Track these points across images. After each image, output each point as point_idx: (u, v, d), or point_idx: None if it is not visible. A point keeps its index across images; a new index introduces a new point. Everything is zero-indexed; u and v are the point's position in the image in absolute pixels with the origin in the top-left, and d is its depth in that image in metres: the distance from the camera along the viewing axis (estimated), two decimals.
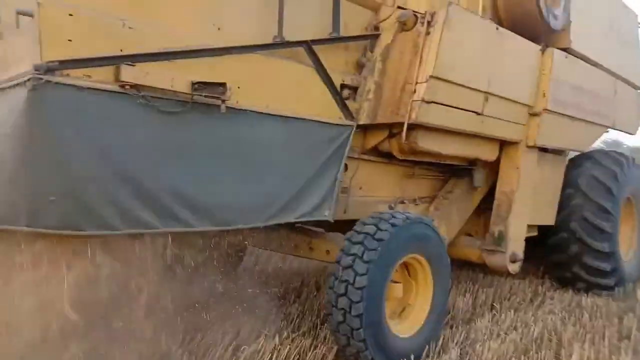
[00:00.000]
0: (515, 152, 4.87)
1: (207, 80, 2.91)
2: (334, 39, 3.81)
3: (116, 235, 2.75)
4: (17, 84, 2.49)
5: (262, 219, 3.35)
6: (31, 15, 2.48)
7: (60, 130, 2.48)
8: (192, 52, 2.95)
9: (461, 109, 4.02)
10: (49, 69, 2.43)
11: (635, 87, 6.70)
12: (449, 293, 4.07)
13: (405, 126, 3.74)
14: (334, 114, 3.82)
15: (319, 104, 3.71)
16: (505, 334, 4.16)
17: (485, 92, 4.20)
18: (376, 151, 4.27)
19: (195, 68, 2.97)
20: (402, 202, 4.57)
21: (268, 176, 3.37)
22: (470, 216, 5.24)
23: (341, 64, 3.99)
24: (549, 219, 5.57)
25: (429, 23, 3.80)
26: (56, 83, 2.44)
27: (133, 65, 2.69)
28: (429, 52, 3.74)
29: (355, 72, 4.10)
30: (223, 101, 3.00)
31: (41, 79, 2.39)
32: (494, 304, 4.90)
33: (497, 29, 4.24)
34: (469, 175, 4.93)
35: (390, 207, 4.41)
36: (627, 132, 6.74)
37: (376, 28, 4.17)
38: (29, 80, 2.39)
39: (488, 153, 4.72)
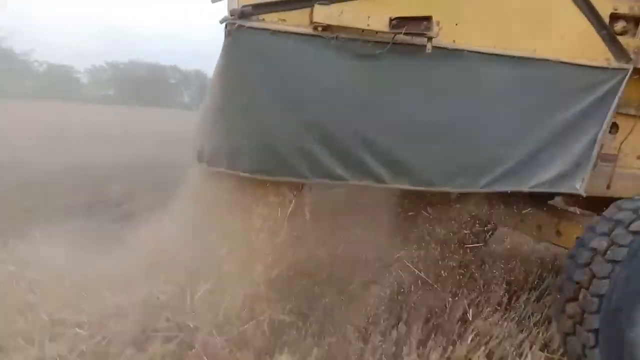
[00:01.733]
0: None
1: (408, 15, 2.49)
2: None
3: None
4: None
5: (477, 183, 2.76)
6: None
7: (253, 75, 2.48)
8: None
9: None
10: (243, 14, 2.44)
11: None
12: None
13: None
14: (597, 54, 2.87)
15: (573, 41, 2.83)
16: None
17: None
18: None
19: (400, 3, 2.58)
20: None
21: (489, 131, 2.75)
22: None
23: None
24: None
25: None
26: (248, 27, 2.43)
27: (327, 4, 2.48)
28: None
29: None
30: (429, 39, 2.53)
31: (234, 23, 2.42)
32: None
33: None
34: None
35: None
36: None
37: None
38: (225, 25, 2.46)
39: None
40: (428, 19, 2.47)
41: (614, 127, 3.05)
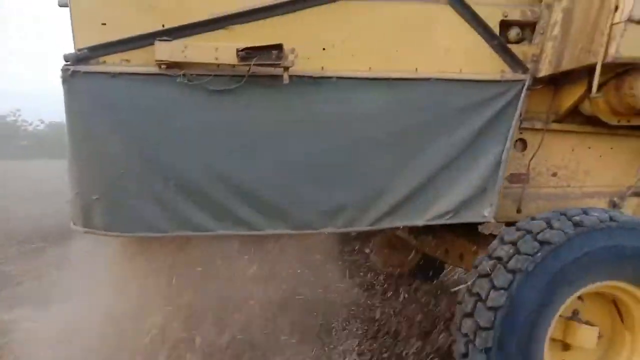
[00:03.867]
0: None
1: (258, 45, 2.28)
2: None
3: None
4: None
5: (362, 220, 2.51)
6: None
7: (95, 122, 2.28)
8: (245, 14, 2.36)
9: None
10: (79, 58, 2.25)
11: None
12: None
13: (598, 70, 2.24)
14: (490, 67, 2.62)
15: (460, 55, 2.59)
16: None
17: None
18: (580, 116, 2.78)
19: (255, 31, 2.37)
20: (638, 195, 2.88)
21: (370, 163, 2.50)
22: None
23: None
24: None
25: None
26: (85, 72, 2.24)
27: (170, 40, 2.29)
28: None
29: (534, 0, 2.72)
30: (285, 69, 2.31)
31: (68, 69, 2.24)
32: None
33: None
34: None
35: (613, 204, 2.84)
36: None
37: None
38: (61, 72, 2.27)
39: None
40: (278, 47, 2.26)
41: (522, 144, 2.79)
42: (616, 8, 2.20)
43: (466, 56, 2.58)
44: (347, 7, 2.46)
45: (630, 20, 2.12)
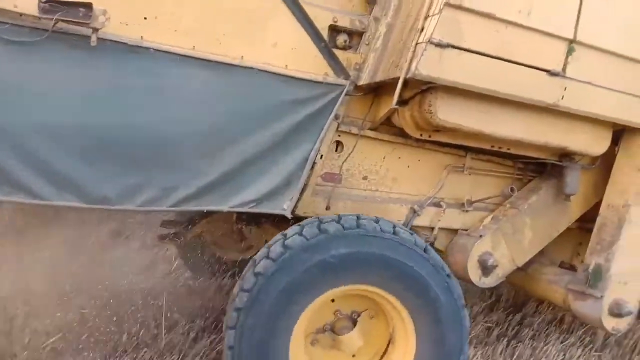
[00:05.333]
0: (639, 145, 3.06)
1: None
2: None
3: None
4: None
5: (166, 200, 2.43)
6: None
7: None
8: None
9: (515, 62, 2.52)
10: None
11: None
12: None
13: (400, 84, 2.44)
14: (314, 67, 2.70)
15: (288, 51, 2.64)
16: None
17: (569, 40, 2.61)
18: (394, 128, 2.99)
19: None
20: (438, 205, 3.18)
21: (183, 142, 2.44)
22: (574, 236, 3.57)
23: None
24: None
25: None
26: None
27: None
28: None
29: (364, 11, 2.89)
30: (94, 30, 2.16)
31: None
32: None
33: None
34: (559, 176, 3.26)
35: (413, 211, 3.10)
36: None
37: None
38: None
39: (588, 142, 3.02)
40: (88, 5, 2.11)
41: (340, 146, 2.93)
42: (422, 29, 2.40)
43: (293, 53, 2.64)
44: None
45: (430, 42, 2.32)
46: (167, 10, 2.39)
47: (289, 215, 2.63)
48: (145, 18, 2.35)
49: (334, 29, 2.79)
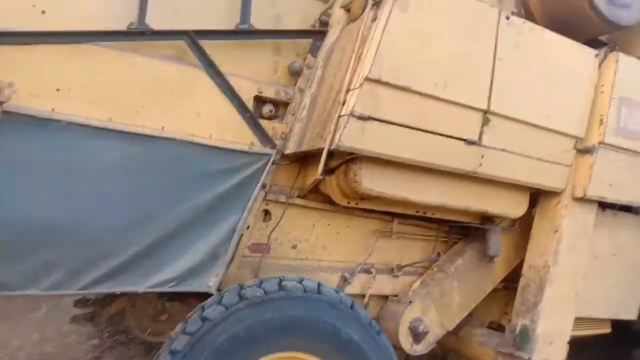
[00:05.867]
0: (554, 207, 3.22)
1: None
2: (236, 33, 2.71)
3: None
4: None
5: (74, 283, 2.24)
6: None
7: None
8: None
9: (434, 132, 2.62)
10: None
11: None
12: None
13: (324, 155, 2.45)
14: (239, 137, 2.67)
15: (212, 121, 2.60)
16: None
17: (484, 111, 2.76)
18: (322, 195, 2.98)
19: None
20: (368, 272, 3.16)
21: (94, 219, 2.29)
22: (501, 296, 3.64)
23: (264, 69, 2.86)
24: (628, 311, 3.69)
25: (377, 4, 2.55)
26: None
27: None
28: (371, 44, 2.46)
29: (289, 83, 2.93)
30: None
31: None
32: None
33: (507, 18, 2.80)
34: (482, 238, 3.35)
35: (344, 279, 3.05)
36: None
37: (323, 24, 2.99)
38: None
39: (507, 206, 3.15)
40: None
41: (267, 215, 2.87)
42: (344, 102, 2.45)
43: (218, 123, 2.60)
44: (92, 52, 2.33)
45: (352, 114, 2.37)
46: (81, 81, 2.30)
47: (214, 293, 2.50)
48: (57, 89, 2.25)
49: (260, 100, 2.81)
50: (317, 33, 2.96)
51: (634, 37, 3.43)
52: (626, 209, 3.59)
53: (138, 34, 2.45)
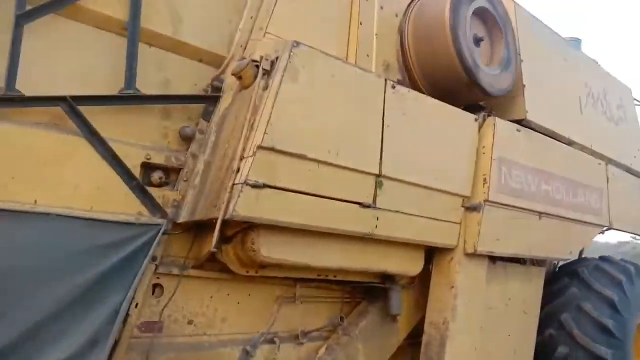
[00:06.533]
0: (449, 264, 3.35)
1: None
2: (120, 99, 2.58)
3: None
4: None
5: None
6: None
7: None
8: None
9: (330, 197, 2.63)
10: None
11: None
12: None
13: (218, 226, 2.36)
14: (125, 207, 2.49)
15: (92, 192, 2.41)
16: None
17: (376, 175, 2.83)
18: (220, 263, 2.83)
19: None
20: (272, 342, 3.02)
21: None
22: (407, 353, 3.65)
23: (153, 135, 2.74)
24: (523, 358, 3.86)
25: (267, 73, 2.57)
26: None
27: None
28: (263, 112, 2.46)
29: (181, 148, 2.83)
30: None
31: None
32: None
33: (393, 87, 2.96)
34: (384, 297, 3.38)
35: (246, 352, 2.89)
36: (634, 233, 5.15)
37: (216, 89, 2.96)
38: None
39: (404, 264, 3.22)
40: None
41: (158, 290, 2.67)
42: (238, 170, 2.39)
43: (99, 194, 2.42)
44: None
45: (246, 183, 2.31)
46: None
47: None
48: None
49: (149, 166, 2.67)
50: (209, 98, 2.91)
51: (507, 102, 3.76)
52: (515, 259, 3.83)
53: (7, 100, 2.25)
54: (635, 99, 5.64)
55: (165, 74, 2.83)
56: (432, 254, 3.39)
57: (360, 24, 3.30)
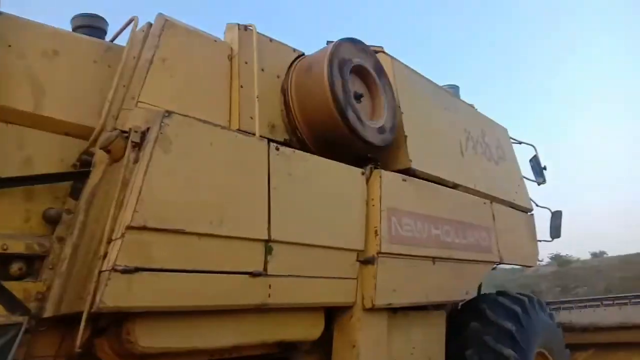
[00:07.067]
0: (349, 322, 3.28)
1: None
2: None
3: None
4: None
5: None
6: None
7: None
8: None
9: (215, 272, 2.48)
10: None
11: (524, 209, 5.61)
12: None
13: (83, 321, 2.11)
14: None
15: None
16: None
17: (266, 241, 2.73)
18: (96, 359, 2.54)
19: None
20: None
21: None
22: None
23: (11, 220, 2.47)
24: None
25: (137, 145, 2.42)
26: None
27: None
28: (133, 188, 2.28)
29: (45, 232, 2.55)
30: None
31: None
32: None
33: (277, 149, 2.92)
34: None
35: None
36: (523, 265, 5.46)
37: (86, 163, 2.74)
38: None
39: (303, 329, 3.10)
40: None
41: None
42: (105, 255, 2.18)
43: None
44: None
45: (114, 269, 2.10)
46: None
47: None
48: None
49: (5, 257, 2.36)
50: (77, 174, 2.68)
51: (392, 153, 3.87)
52: (415, 307, 3.85)
53: None
54: (511, 138, 6.10)
55: (27, 152, 2.59)
56: (332, 314, 3.30)
57: (241, 87, 3.26)
